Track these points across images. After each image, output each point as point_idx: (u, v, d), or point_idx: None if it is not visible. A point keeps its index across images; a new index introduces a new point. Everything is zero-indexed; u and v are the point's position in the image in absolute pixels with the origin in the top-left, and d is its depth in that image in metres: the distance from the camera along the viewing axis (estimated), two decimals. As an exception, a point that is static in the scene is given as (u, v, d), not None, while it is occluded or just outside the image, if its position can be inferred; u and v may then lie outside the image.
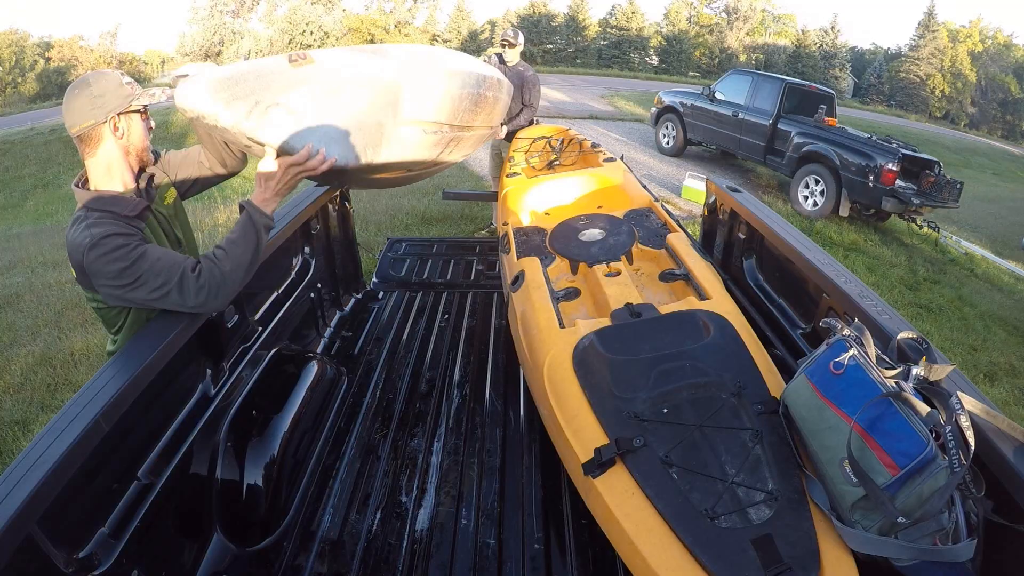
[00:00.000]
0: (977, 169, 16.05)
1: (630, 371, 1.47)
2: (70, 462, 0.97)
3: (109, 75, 1.35)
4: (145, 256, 1.25)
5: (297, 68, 1.39)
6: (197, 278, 1.28)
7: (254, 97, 1.32)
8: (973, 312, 5.18)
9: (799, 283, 1.97)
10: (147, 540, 1.20)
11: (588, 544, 1.51)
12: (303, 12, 24.21)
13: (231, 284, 1.33)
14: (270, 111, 1.34)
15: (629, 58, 28.83)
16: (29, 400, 2.92)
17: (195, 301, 1.28)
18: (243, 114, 1.31)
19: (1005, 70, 33.91)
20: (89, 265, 1.23)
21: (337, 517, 1.61)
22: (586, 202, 2.86)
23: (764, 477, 1.19)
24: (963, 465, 0.97)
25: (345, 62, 1.55)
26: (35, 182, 9.19)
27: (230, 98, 1.30)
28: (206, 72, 1.30)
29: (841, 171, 6.42)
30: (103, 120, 1.32)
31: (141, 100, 1.37)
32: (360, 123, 1.53)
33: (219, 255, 1.34)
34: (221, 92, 1.29)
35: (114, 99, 1.33)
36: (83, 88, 1.31)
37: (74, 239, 1.26)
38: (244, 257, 1.36)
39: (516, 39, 4.05)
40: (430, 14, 27.99)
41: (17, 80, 26.46)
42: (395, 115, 1.62)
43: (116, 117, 1.33)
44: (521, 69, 4.08)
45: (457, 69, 1.86)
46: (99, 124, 1.32)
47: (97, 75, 1.35)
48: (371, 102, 1.57)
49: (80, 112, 1.31)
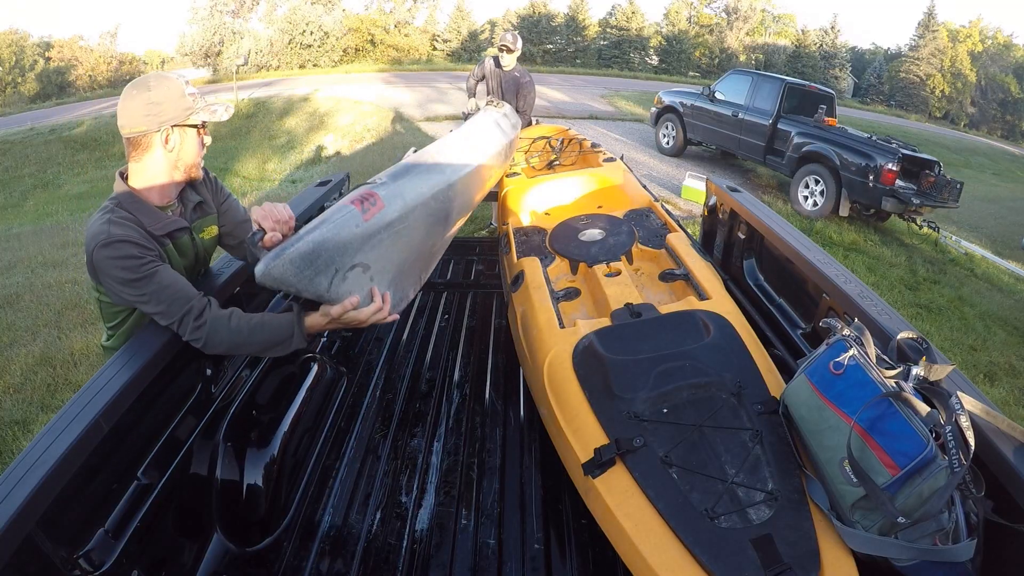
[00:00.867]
0: (977, 169, 16.05)
1: (630, 371, 1.47)
2: (70, 462, 0.97)
3: (172, 82, 1.28)
4: (155, 277, 1.21)
5: (370, 220, 1.33)
6: (196, 320, 1.23)
7: (334, 266, 1.24)
8: (973, 312, 5.18)
9: (799, 283, 1.97)
10: (147, 540, 1.20)
11: (588, 544, 1.51)
12: (303, 12, 24.20)
13: (224, 348, 1.28)
14: (348, 275, 1.28)
15: (629, 58, 28.82)
16: (29, 400, 2.92)
17: (188, 338, 1.25)
18: (325, 288, 1.23)
19: (1005, 70, 33.91)
20: (97, 262, 1.20)
21: (337, 517, 1.61)
22: (586, 202, 2.86)
23: (764, 477, 1.19)
24: (963, 465, 0.97)
25: (410, 198, 1.50)
26: (35, 182, 9.18)
27: (312, 275, 1.20)
28: (288, 251, 1.15)
29: (841, 171, 6.42)
30: (156, 129, 1.25)
31: (200, 116, 1.31)
32: (420, 252, 1.58)
33: (236, 323, 1.27)
34: (305, 270, 1.18)
35: (172, 109, 1.26)
36: (142, 90, 1.25)
37: (92, 229, 1.22)
38: (253, 345, 1.30)
39: (515, 44, 3.99)
40: (430, 14, 28.00)
41: (17, 80, 26.45)
42: (445, 228, 1.72)
43: (170, 129, 1.27)
44: (517, 75, 4.05)
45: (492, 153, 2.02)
46: (151, 132, 1.25)
47: (160, 79, 1.28)
48: (430, 229, 1.62)
49: (134, 115, 1.24)
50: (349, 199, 1.35)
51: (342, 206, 1.31)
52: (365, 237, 1.31)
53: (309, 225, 1.23)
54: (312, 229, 1.20)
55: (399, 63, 23.50)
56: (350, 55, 25.23)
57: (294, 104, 11.76)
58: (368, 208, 1.33)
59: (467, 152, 1.94)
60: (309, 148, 9.20)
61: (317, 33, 24.25)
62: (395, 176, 1.52)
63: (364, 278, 1.33)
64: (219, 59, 24.37)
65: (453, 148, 1.88)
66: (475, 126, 2.20)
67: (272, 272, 1.13)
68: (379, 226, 1.36)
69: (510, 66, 4.07)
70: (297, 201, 2.28)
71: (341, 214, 1.28)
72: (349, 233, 1.26)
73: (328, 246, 1.21)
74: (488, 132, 2.22)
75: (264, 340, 1.29)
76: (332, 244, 1.22)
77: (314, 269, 1.19)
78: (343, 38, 24.99)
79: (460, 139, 2.02)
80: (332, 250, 1.22)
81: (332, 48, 24.62)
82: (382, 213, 1.37)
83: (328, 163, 8.17)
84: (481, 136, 2.14)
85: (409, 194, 1.50)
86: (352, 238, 1.27)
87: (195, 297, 1.26)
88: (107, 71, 26.94)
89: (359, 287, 1.32)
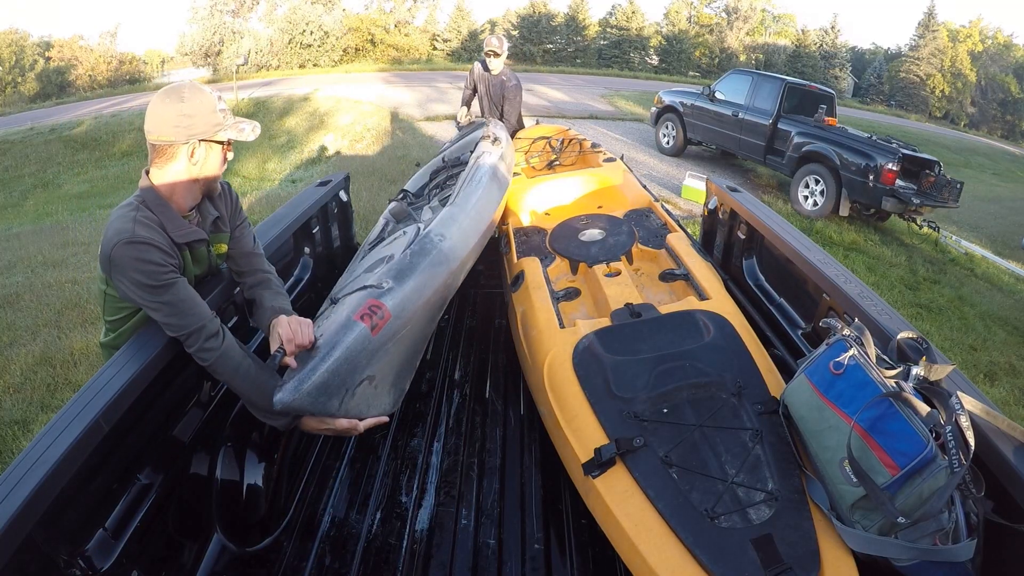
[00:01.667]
0: (977, 169, 16.04)
1: (630, 371, 1.47)
2: (70, 462, 0.97)
3: (205, 96, 1.27)
4: (172, 288, 1.21)
5: (378, 334, 1.33)
6: (208, 341, 1.24)
7: (344, 387, 1.28)
8: (973, 312, 5.18)
9: (799, 283, 1.97)
10: (147, 540, 1.20)
11: (588, 544, 1.51)
12: (303, 12, 24.17)
13: (220, 377, 1.29)
14: (356, 391, 1.32)
15: (629, 58, 28.81)
16: (29, 400, 2.92)
17: (193, 352, 1.25)
18: (335, 408, 1.28)
19: (1005, 70, 33.90)
20: (116, 258, 1.18)
21: (337, 517, 1.61)
22: (586, 202, 2.86)
23: (764, 477, 1.19)
24: (963, 465, 0.97)
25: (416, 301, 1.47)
26: (35, 182, 9.18)
27: (326, 399, 1.26)
28: (305, 385, 1.21)
29: (841, 171, 6.42)
30: (184, 141, 1.25)
31: (228, 133, 1.31)
32: (420, 343, 1.59)
33: (245, 369, 1.28)
34: (319, 397, 1.24)
35: (202, 124, 1.26)
36: (175, 100, 1.24)
37: (116, 224, 1.20)
38: (244, 394, 1.31)
39: (501, 48, 3.97)
40: (430, 14, 27.97)
41: (17, 80, 26.44)
42: (444, 308, 1.70)
43: (197, 143, 1.27)
44: (504, 79, 4.02)
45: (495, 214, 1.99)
46: (178, 143, 1.25)
47: (193, 90, 1.27)
48: (432, 319, 1.61)
49: (163, 124, 1.24)
50: (358, 311, 1.33)
51: (352, 322, 1.30)
52: (373, 352, 1.32)
53: (322, 347, 1.26)
54: (326, 355, 1.24)
55: (399, 63, 23.49)
56: (350, 55, 25.21)
57: (294, 104, 11.75)
58: (376, 323, 1.33)
59: (473, 225, 1.88)
60: (309, 148, 9.19)
61: (317, 33, 24.22)
62: (401, 276, 1.46)
63: (370, 389, 1.36)
64: (219, 59, 24.36)
65: (461, 224, 1.81)
66: (479, 184, 2.10)
67: (291, 404, 1.21)
68: (387, 338, 1.35)
69: (497, 70, 4.04)
70: (297, 201, 2.29)
71: (351, 335, 1.28)
72: (359, 353, 1.28)
73: (340, 372, 1.25)
74: (491, 192, 2.13)
75: (257, 399, 1.29)
76: (344, 369, 1.26)
77: (327, 395, 1.25)
78: (343, 38, 24.97)
79: (467, 206, 1.93)
80: (344, 374, 1.26)
81: (332, 48, 24.61)
82: (389, 324, 1.36)
83: (328, 163, 8.16)
84: (486, 198, 2.07)
85: (415, 297, 1.47)
86: (361, 357, 1.29)
87: (208, 318, 1.26)
88: (107, 71, 26.89)
89: (364, 400, 1.35)
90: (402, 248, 1.64)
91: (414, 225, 1.87)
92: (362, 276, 1.64)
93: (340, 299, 1.51)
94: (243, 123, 1.34)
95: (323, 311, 1.65)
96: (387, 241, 2.01)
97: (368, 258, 1.97)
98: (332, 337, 1.27)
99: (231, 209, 1.50)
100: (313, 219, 2.33)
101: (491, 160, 2.34)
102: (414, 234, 1.73)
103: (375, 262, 1.73)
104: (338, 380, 1.25)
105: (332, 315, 1.44)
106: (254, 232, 1.56)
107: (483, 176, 2.16)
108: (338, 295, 1.55)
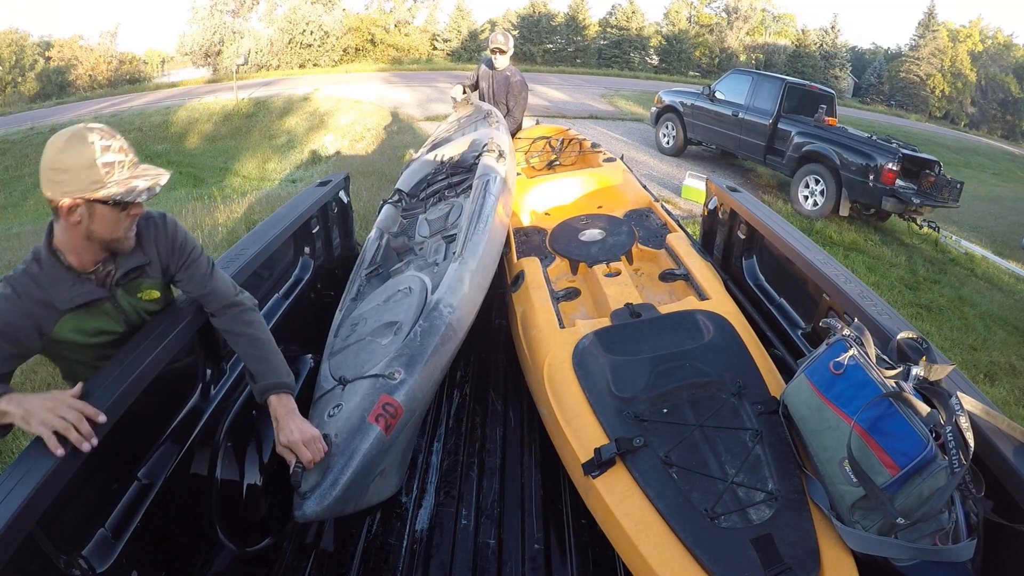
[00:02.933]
0: (977, 169, 16.03)
1: (630, 371, 1.47)
2: (70, 462, 0.97)
3: (83, 149, 1.05)
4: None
5: (392, 432, 1.34)
6: None
7: (361, 490, 1.30)
8: (973, 312, 5.18)
9: (799, 283, 1.97)
10: (147, 540, 1.20)
11: (588, 544, 1.51)
12: (303, 11, 24.16)
13: None
14: (370, 487, 1.33)
15: (629, 58, 28.79)
16: (29, 400, 2.91)
17: None
18: (351, 510, 1.31)
19: (1005, 70, 33.88)
20: None
21: (337, 517, 1.61)
22: (586, 202, 2.87)
23: (764, 477, 1.19)
24: (963, 465, 0.97)
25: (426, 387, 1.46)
26: (35, 181, 9.12)
27: (343, 506, 1.29)
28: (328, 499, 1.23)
29: (841, 171, 6.41)
30: (57, 199, 1.06)
31: (111, 190, 1.07)
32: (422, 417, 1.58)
33: None
34: (338, 505, 1.26)
35: (76, 181, 1.05)
36: (53, 151, 1.06)
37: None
38: None
39: (507, 45, 3.93)
40: (430, 14, 27.97)
41: (17, 80, 26.43)
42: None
43: (76, 200, 1.06)
44: (508, 75, 3.98)
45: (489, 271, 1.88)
46: (55, 200, 1.07)
47: (73, 140, 1.06)
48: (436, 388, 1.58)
49: (42, 174, 1.07)
50: (372, 411, 1.32)
51: (367, 426, 1.30)
52: (387, 449, 1.33)
53: (339, 456, 1.26)
54: (344, 467, 1.25)
55: (399, 63, 23.48)
56: (350, 55, 25.21)
57: (294, 104, 11.75)
58: (390, 422, 1.33)
59: (481, 280, 1.80)
60: (309, 148, 9.19)
61: (317, 33, 24.22)
62: (412, 364, 1.43)
63: (380, 480, 1.37)
64: (219, 59, 24.36)
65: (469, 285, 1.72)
66: (485, 227, 1.94)
67: (315, 517, 1.24)
68: (398, 432, 1.36)
69: (503, 67, 4.01)
70: (297, 201, 2.28)
71: (368, 442, 1.29)
72: (375, 456, 1.30)
73: (358, 479, 1.27)
74: (497, 231, 2.02)
75: None
76: (361, 475, 1.28)
77: (345, 502, 1.27)
78: (343, 38, 24.97)
79: (475, 259, 1.80)
80: (361, 480, 1.28)
81: (332, 48, 24.60)
82: (402, 419, 1.36)
83: (328, 163, 8.15)
84: (493, 243, 1.95)
85: (426, 382, 1.45)
86: (377, 458, 1.30)
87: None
88: (107, 71, 26.89)
89: (376, 491, 1.36)
90: (410, 319, 1.59)
91: (419, 280, 1.80)
92: (369, 348, 1.59)
93: (349, 383, 1.46)
94: (138, 179, 1.11)
95: (330, 389, 1.53)
96: (388, 292, 1.86)
97: (370, 304, 1.86)
98: (348, 443, 1.28)
99: (167, 249, 1.28)
100: (313, 219, 2.33)
101: (497, 189, 2.19)
102: (421, 299, 1.68)
103: (380, 327, 1.65)
104: (356, 487, 1.27)
105: (344, 408, 1.38)
106: (212, 261, 1.37)
107: (489, 214, 2.00)
108: (348, 377, 1.48)
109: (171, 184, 8.34)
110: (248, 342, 1.33)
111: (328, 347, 1.76)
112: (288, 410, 1.29)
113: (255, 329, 1.35)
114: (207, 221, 5.37)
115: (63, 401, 1.03)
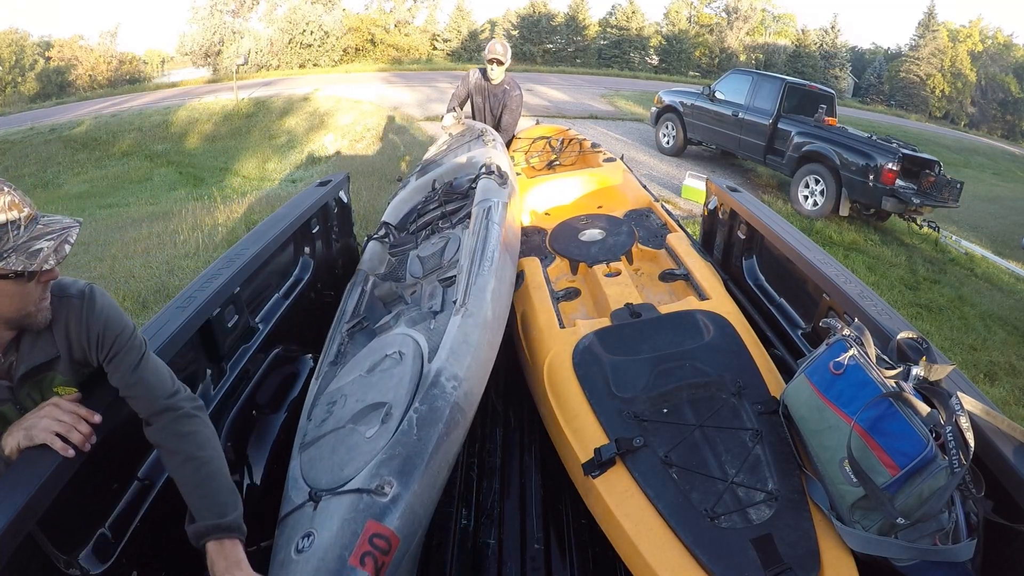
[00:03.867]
0: (977, 169, 16.03)
1: (630, 371, 1.47)
2: (70, 462, 0.97)
3: None
4: None
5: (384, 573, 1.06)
6: None
7: None
8: (973, 312, 5.18)
9: (799, 283, 1.97)
10: (147, 540, 1.20)
11: (588, 544, 1.51)
12: (303, 12, 24.16)
13: None
14: None
15: (629, 58, 28.80)
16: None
17: None
18: None
19: (1005, 70, 33.88)
20: None
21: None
22: (586, 202, 2.87)
23: (764, 477, 1.19)
24: (963, 465, 0.97)
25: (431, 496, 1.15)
26: (35, 181, 9.17)
27: None
28: None
29: (841, 171, 6.41)
30: None
31: (8, 261, 0.86)
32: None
33: None
34: None
35: None
36: None
37: None
38: None
39: (505, 56, 3.62)
40: (430, 14, 27.98)
41: (17, 80, 26.44)
42: None
43: None
44: (507, 87, 3.71)
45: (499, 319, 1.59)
46: None
47: None
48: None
49: None
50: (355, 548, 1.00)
51: (350, 570, 0.98)
52: None
53: None
54: None
55: (399, 63, 23.48)
56: (350, 55, 25.21)
57: (294, 104, 11.75)
58: (382, 562, 1.02)
59: (491, 336, 1.51)
60: (309, 148, 9.19)
61: (317, 33, 24.22)
62: (407, 470, 1.11)
63: None
64: (219, 59, 24.36)
65: (476, 346, 1.41)
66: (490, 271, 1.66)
67: None
68: (395, 567, 1.07)
69: (499, 79, 3.71)
70: (297, 201, 2.28)
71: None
72: None
73: None
74: (505, 270, 1.75)
75: None
76: None
77: None
78: (343, 38, 24.97)
79: (482, 312, 1.50)
80: None
81: (332, 48, 24.61)
82: (398, 551, 1.06)
83: (328, 163, 8.15)
84: (501, 291, 1.68)
85: (429, 491, 1.15)
86: None
87: None
88: (107, 71, 26.90)
89: None
90: (401, 400, 1.24)
91: (411, 342, 1.44)
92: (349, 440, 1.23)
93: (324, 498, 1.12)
94: (40, 240, 0.90)
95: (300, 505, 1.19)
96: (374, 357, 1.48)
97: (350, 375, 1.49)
98: None
99: (83, 338, 1.03)
100: (313, 219, 2.32)
101: (500, 217, 1.93)
102: (415, 369, 1.33)
103: (363, 410, 1.28)
104: None
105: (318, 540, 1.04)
106: (144, 348, 1.09)
107: (494, 249, 1.72)
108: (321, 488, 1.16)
109: (171, 184, 8.35)
110: (182, 462, 1.03)
111: (299, 434, 1.40)
112: (231, 562, 0.97)
113: (190, 444, 1.05)
114: (207, 221, 5.37)
115: (57, 406, 0.98)
